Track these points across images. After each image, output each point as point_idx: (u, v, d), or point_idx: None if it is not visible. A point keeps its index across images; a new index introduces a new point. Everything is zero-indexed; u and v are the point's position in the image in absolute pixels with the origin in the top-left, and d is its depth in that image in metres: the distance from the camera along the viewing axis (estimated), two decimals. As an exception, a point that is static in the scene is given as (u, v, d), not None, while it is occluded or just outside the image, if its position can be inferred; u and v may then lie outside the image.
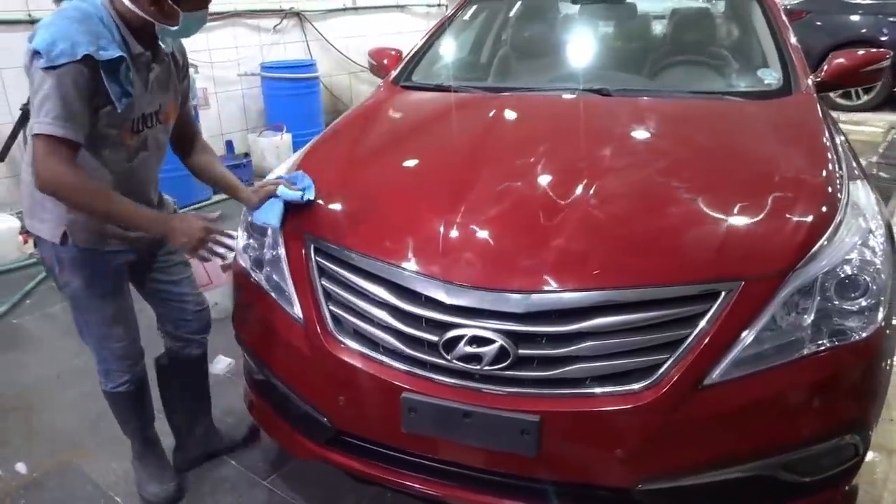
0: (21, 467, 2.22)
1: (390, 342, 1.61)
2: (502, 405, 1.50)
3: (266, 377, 1.90)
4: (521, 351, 1.50)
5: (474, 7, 3.16)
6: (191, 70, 4.82)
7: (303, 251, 1.80)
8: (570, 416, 1.48)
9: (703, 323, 1.47)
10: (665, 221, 1.65)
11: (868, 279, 1.56)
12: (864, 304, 1.55)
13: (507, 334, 1.51)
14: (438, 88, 2.61)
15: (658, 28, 3.09)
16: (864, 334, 1.53)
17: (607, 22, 3.00)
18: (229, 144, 5.50)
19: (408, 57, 2.91)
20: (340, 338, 1.68)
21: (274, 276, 1.85)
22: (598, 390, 1.48)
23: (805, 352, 1.50)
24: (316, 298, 1.73)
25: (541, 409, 1.48)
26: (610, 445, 1.49)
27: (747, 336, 1.47)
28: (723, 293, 1.49)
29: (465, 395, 1.53)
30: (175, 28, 1.65)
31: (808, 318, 1.51)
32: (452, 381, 1.55)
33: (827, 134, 2.01)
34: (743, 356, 1.47)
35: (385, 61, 3.06)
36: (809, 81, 2.34)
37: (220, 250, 1.78)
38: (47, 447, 2.31)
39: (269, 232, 1.91)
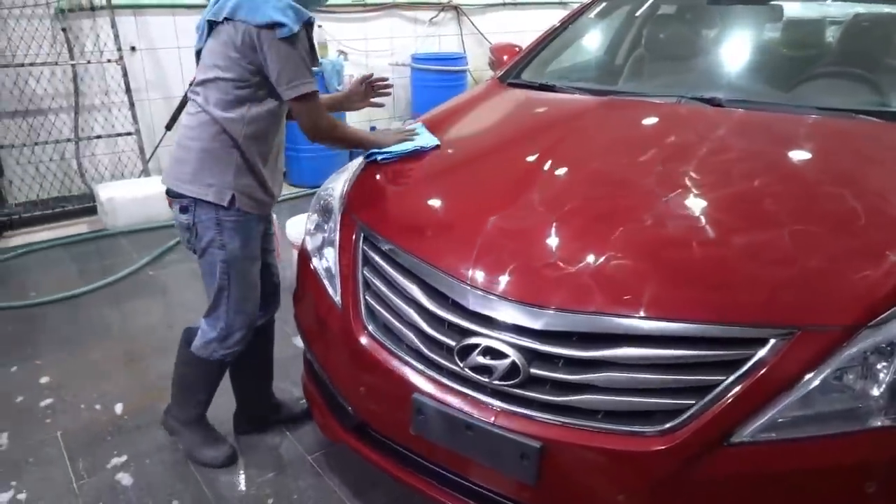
0: (119, 408, 2.47)
1: (412, 340, 1.58)
2: (505, 424, 1.42)
3: (311, 357, 1.95)
4: (533, 370, 1.41)
5: (601, 6, 2.99)
6: (340, 57, 5.04)
7: (353, 237, 1.82)
8: (573, 449, 1.36)
9: (742, 370, 1.28)
10: (724, 251, 1.45)
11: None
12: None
13: (523, 350, 1.42)
14: (543, 88, 2.51)
15: (813, 35, 2.71)
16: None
17: (750, 25, 2.70)
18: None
19: (522, 54, 2.83)
20: (371, 329, 1.68)
21: (327, 258, 1.89)
22: (609, 426, 1.34)
23: (872, 424, 1.26)
24: (356, 286, 1.75)
25: (544, 436, 1.38)
26: (613, 489, 1.36)
27: (795, 394, 1.26)
28: (772, 340, 1.28)
29: (471, 405, 1.47)
30: None
31: (881, 386, 1.26)
32: (463, 389, 1.49)
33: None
34: (786, 416, 1.26)
35: (504, 57, 3.00)
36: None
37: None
38: (141, 389, 2.56)
39: (333, 215, 1.95)
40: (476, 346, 1.46)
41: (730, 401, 1.27)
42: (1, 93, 4.11)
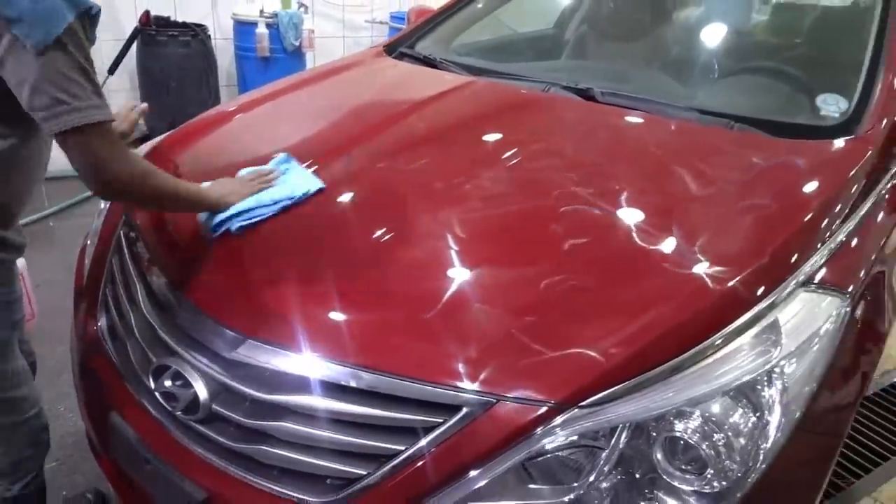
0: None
1: (124, 349, 1.36)
2: (178, 465, 1.20)
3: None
4: (216, 406, 1.17)
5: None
6: (300, 10, 4.72)
7: (119, 219, 1.60)
8: (235, 507, 1.13)
9: (425, 441, 1.03)
10: (451, 292, 1.16)
11: (710, 455, 0.98)
12: (696, 487, 0.99)
13: (212, 381, 1.18)
14: (426, 62, 2.20)
15: (747, 24, 2.31)
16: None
17: (673, 8, 2.32)
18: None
19: (417, 23, 2.51)
20: (100, 325, 1.46)
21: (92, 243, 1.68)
22: (277, 488, 1.11)
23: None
24: (101, 273, 1.54)
25: (211, 487, 1.15)
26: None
27: (480, 478, 1.00)
28: (464, 409, 1.02)
29: (153, 436, 1.25)
30: None
31: (590, 480, 0.99)
32: (156, 416, 1.27)
33: (835, 208, 1.33)
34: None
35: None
36: (883, 125, 1.59)
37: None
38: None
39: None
40: (168, 367, 1.23)
41: (401, 477, 1.02)
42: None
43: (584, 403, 0.99)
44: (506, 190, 1.39)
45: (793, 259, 1.20)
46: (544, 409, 0.99)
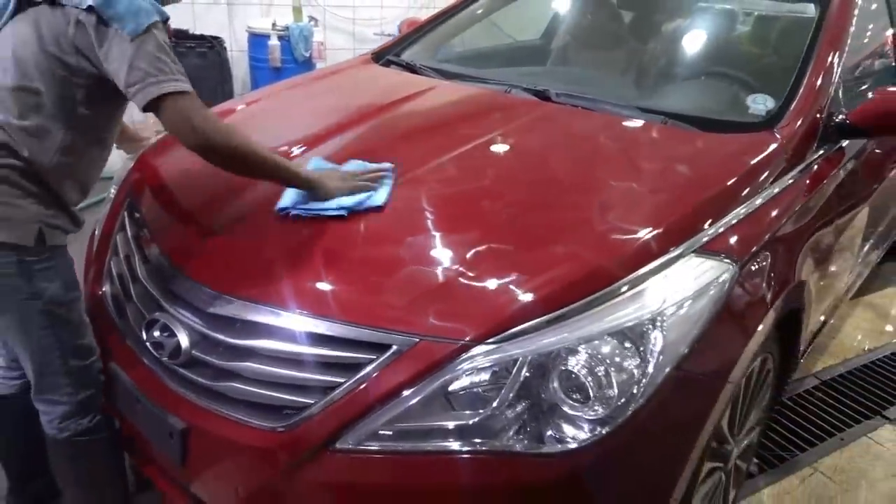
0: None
1: (123, 308, 1.59)
2: (161, 401, 1.42)
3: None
4: (196, 352, 1.39)
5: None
6: (310, 23, 4.97)
7: (123, 201, 1.84)
8: (209, 435, 1.34)
9: (361, 374, 1.23)
10: (390, 252, 1.38)
11: (593, 385, 1.17)
12: (582, 413, 1.18)
13: (193, 331, 1.40)
14: (408, 68, 2.43)
15: (688, 32, 2.49)
16: (570, 445, 1.17)
17: (640, 20, 2.52)
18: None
19: (406, 32, 2.74)
20: (104, 290, 1.69)
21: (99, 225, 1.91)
22: (243, 418, 1.32)
23: (485, 447, 1.19)
24: (106, 247, 1.77)
25: (189, 418, 1.37)
26: (234, 481, 1.34)
27: (402, 404, 1.20)
28: (393, 347, 1.22)
29: (144, 380, 1.47)
30: None
31: (494, 409, 1.19)
32: (146, 363, 1.49)
33: (741, 190, 1.52)
34: (390, 427, 1.21)
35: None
36: (800, 121, 1.77)
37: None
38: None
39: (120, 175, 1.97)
40: (158, 321, 1.45)
41: (340, 403, 1.23)
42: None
43: (490, 341, 1.19)
44: (453, 171, 1.60)
45: (691, 227, 1.40)
46: (458, 345, 1.19)
